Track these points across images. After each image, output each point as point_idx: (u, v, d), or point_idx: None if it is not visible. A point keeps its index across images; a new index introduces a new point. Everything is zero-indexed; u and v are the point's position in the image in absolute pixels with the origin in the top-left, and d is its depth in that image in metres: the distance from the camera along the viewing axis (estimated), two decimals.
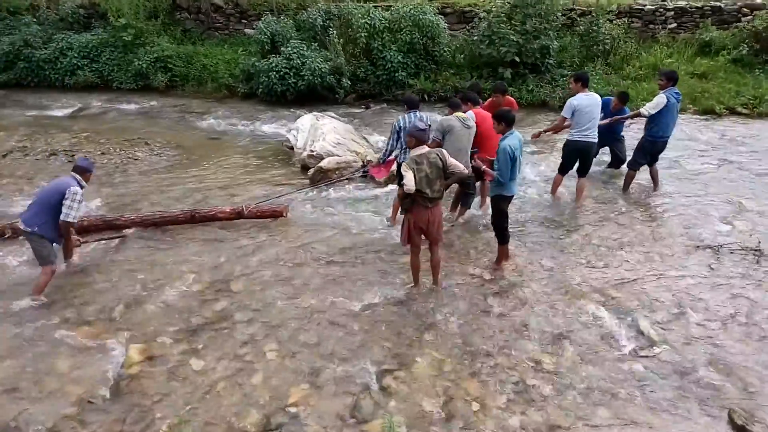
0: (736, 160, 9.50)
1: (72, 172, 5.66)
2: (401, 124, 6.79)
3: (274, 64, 13.88)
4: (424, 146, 5.26)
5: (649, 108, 7.52)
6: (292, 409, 4.07)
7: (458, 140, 6.45)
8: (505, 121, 5.68)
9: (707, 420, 4.03)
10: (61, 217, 5.35)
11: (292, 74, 13.79)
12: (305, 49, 14.01)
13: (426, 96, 14.17)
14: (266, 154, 10.55)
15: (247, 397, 4.19)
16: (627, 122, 8.60)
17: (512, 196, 6.03)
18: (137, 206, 7.50)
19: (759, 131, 11.11)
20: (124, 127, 12.32)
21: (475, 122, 6.68)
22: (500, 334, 5.02)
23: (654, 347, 4.80)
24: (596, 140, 7.45)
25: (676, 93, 7.56)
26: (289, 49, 13.95)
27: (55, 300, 5.45)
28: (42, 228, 5.40)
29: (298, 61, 13.76)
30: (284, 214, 7.40)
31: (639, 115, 7.75)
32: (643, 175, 8.25)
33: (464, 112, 6.67)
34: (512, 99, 8.31)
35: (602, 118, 7.76)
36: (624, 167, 8.65)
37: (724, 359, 4.66)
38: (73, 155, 9.73)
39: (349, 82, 14.34)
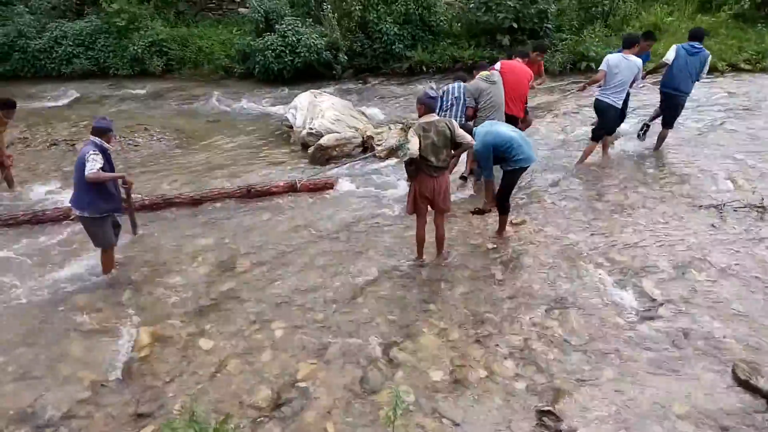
0: (740, 117, 9.41)
1: (91, 136, 5.28)
2: (444, 92, 7.25)
3: (269, 43, 13.77)
4: (433, 114, 5.26)
5: (666, 58, 7.63)
6: (302, 384, 4.13)
7: (490, 98, 6.99)
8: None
9: (712, 376, 4.06)
10: (84, 174, 5.02)
11: (288, 52, 13.68)
12: (300, 25, 13.88)
13: (424, 68, 14.04)
14: (266, 134, 10.54)
15: (257, 374, 4.26)
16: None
17: (528, 166, 5.87)
18: (143, 193, 7.51)
19: (762, 87, 10.96)
20: (122, 113, 12.30)
21: (502, 71, 7.21)
22: (504, 301, 5.06)
23: (658, 308, 4.83)
24: (618, 104, 7.44)
25: (692, 46, 7.52)
26: (284, 26, 13.82)
27: (63, 287, 5.52)
28: (90, 208, 5.22)
29: (294, 38, 13.64)
30: (334, 186, 7.70)
31: (665, 64, 7.71)
32: (648, 139, 8.19)
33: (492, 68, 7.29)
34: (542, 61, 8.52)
35: None
36: (623, 126, 8.60)
37: (728, 316, 4.69)
38: (74, 144, 9.76)
39: (345, 57, 14.21)
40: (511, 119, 7.30)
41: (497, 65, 7.43)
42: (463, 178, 7.66)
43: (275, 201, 7.34)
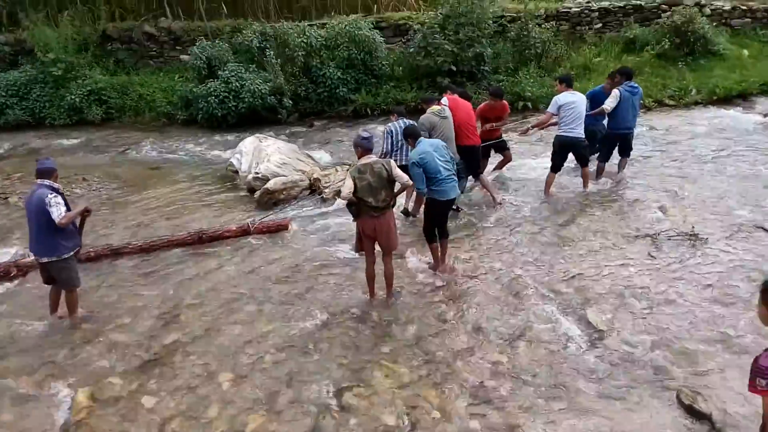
0: (668, 150, 9.95)
1: (38, 180, 5.26)
2: (391, 129, 7.44)
3: (212, 89, 13.70)
4: (371, 155, 5.41)
5: (609, 103, 8.02)
6: None
7: (442, 133, 7.08)
8: (411, 137, 6.13)
9: (657, 403, 4.16)
10: (56, 221, 5.01)
11: (231, 97, 13.64)
12: (243, 71, 13.88)
13: (369, 110, 14.26)
14: (211, 179, 10.39)
15: (204, 430, 4.09)
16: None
17: (450, 201, 6.08)
18: (86, 244, 7.24)
19: (685, 121, 11.67)
20: (59, 164, 11.75)
21: (449, 107, 7.50)
22: (456, 339, 5.08)
23: (603, 338, 4.95)
24: (582, 136, 7.85)
25: (631, 86, 8.13)
26: (227, 72, 13.80)
27: None
28: (55, 250, 5.19)
29: (237, 84, 13.63)
30: (288, 228, 7.55)
31: (603, 111, 8.12)
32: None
33: (439, 103, 7.57)
34: (506, 102, 8.82)
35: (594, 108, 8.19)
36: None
37: (669, 342, 4.84)
38: (7, 198, 9.34)
39: (290, 102, 14.27)
40: (472, 150, 7.67)
41: (444, 100, 7.74)
42: (405, 212, 7.72)
43: (223, 246, 7.20)
